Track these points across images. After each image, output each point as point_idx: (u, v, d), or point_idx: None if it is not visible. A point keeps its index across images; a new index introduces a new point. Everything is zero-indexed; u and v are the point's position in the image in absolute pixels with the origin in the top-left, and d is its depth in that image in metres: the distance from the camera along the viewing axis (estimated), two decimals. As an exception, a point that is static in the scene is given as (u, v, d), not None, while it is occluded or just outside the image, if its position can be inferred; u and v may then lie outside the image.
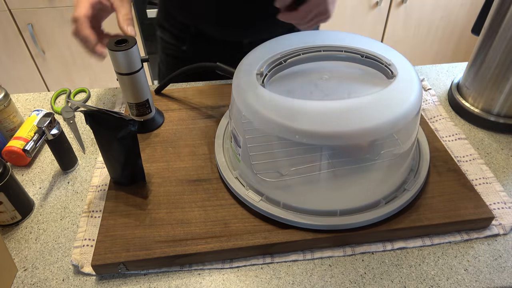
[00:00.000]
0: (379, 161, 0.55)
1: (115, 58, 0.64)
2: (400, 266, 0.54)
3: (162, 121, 0.74)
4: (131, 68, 0.65)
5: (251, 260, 0.55)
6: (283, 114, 0.50)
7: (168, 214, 0.58)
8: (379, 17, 1.90)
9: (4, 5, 1.65)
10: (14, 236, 0.59)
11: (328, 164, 0.54)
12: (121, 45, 0.63)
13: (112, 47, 0.63)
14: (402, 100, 0.52)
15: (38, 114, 0.75)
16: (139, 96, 0.69)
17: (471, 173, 0.65)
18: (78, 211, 0.62)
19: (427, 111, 0.77)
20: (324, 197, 0.57)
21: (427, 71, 0.89)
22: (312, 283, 0.53)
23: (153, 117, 0.73)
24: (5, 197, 0.57)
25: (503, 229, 0.57)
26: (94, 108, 0.55)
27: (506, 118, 0.73)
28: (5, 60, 1.82)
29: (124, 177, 0.62)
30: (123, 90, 0.69)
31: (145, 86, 0.69)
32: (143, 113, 0.71)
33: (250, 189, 0.59)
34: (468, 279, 0.52)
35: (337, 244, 0.56)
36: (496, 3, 0.68)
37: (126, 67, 0.65)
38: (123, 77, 0.66)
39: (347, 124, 0.49)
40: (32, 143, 0.62)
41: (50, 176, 0.68)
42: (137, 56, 0.65)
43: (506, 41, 0.66)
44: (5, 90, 0.71)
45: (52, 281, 0.54)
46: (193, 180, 0.63)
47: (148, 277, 0.54)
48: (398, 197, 0.57)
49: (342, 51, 0.59)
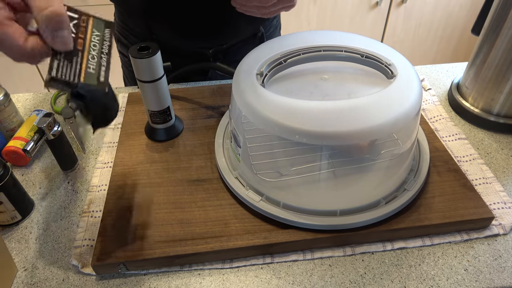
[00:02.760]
0: (379, 161, 0.55)
1: (137, 66, 0.62)
2: (400, 266, 0.54)
3: (182, 127, 0.73)
4: (154, 76, 0.63)
5: (251, 260, 0.55)
6: (283, 114, 0.50)
7: (168, 214, 0.58)
8: (379, 17, 1.90)
9: (4, 5, 1.65)
10: (14, 236, 0.59)
11: (328, 164, 0.54)
12: (143, 52, 0.61)
13: (134, 54, 0.61)
14: (402, 100, 0.52)
15: (38, 114, 0.75)
16: (160, 104, 0.68)
17: (471, 173, 0.65)
18: (78, 211, 0.62)
19: (427, 111, 0.77)
20: (324, 197, 0.57)
21: (427, 71, 0.89)
22: (312, 283, 0.53)
23: (174, 124, 0.72)
24: (5, 197, 0.57)
25: (503, 229, 0.57)
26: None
27: (506, 118, 0.73)
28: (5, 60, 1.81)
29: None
30: (144, 97, 0.67)
31: (166, 93, 0.67)
32: (164, 121, 0.70)
33: (250, 189, 0.59)
34: (468, 279, 0.52)
35: (337, 244, 0.56)
36: (496, 3, 0.68)
37: (148, 74, 0.63)
38: (144, 85, 0.65)
39: (347, 124, 0.49)
40: (32, 143, 0.62)
41: (50, 176, 0.68)
42: (160, 63, 0.63)
43: (506, 41, 0.66)
44: (5, 90, 0.71)
45: (52, 281, 0.54)
46: (193, 180, 0.63)
47: (148, 277, 0.54)
48: (398, 197, 0.57)
49: (342, 51, 0.59)
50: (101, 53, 0.41)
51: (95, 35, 0.41)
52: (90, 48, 0.41)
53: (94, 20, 0.42)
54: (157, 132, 0.71)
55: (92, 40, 0.41)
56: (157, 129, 0.71)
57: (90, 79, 0.40)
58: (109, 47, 0.42)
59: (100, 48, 0.41)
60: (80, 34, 0.40)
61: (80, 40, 0.40)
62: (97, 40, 0.41)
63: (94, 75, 0.41)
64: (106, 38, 0.42)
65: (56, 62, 0.38)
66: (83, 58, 0.40)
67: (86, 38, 0.41)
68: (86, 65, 0.40)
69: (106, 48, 0.41)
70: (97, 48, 0.41)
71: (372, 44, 0.60)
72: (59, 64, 0.39)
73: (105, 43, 0.42)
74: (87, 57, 0.40)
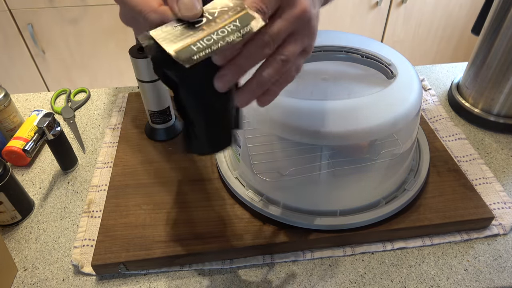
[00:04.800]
0: (379, 161, 0.55)
1: (137, 66, 0.63)
2: (400, 266, 0.54)
3: (182, 127, 0.73)
4: (154, 76, 0.64)
5: (251, 260, 0.55)
6: (283, 114, 0.50)
7: (168, 214, 0.58)
8: (379, 17, 1.90)
9: (4, 5, 1.65)
10: (14, 236, 0.59)
11: (328, 164, 0.54)
12: (144, 52, 0.61)
13: (134, 54, 0.61)
14: (402, 100, 0.52)
15: (38, 114, 0.75)
16: (160, 104, 0.68)
17: (471, 173, 0.64)
18: (78, 211, 0.62)
19: (427, 111, 0.77)
20: (324, 197, 0.57)
21: (427, 71, 0.89)
22: (312, 283, 0.53)
23: (174, 124, 0.72)
24: (5, 197, 0.57)
25: (503, 229, 0.57)
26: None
27: (506, 118, 0.73)
28: (5, 60, 1.82)
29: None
30: (144, 97, 0.68)
31: (166, 93, 0.68)
32: (164, 121, 0.70)
33: (250, 189, 0.59)
34: (468, 279, 0.52)
35: (337, 244, 0.56)
36: (496, 3, 0.68)
37: (148, 74, 0.63)
38: (144, 85, 0.65)
39: (347, 124, 0.49)
40: (32, 143, 0.62)
41: (50, 176, 0.68)
42: None
43: (506, 41, 0.66)
44: (5, 90, 0.71)
45: (52, 281, 0.54)
46: (193, 180, 0.63)
47: (148, 277, 0.54)
48: (398, 197, 0.57)
49: (342, 51, 0.59)
50: (222, 39, 0.34)
51: (234, 25, 0.34)
52: (215, 32, 0.34)
53: (246, 14, 0.35)
54: (157, 132, 0.71)
55: (225, 26, 0.34)
56: (157, 129, 0.71)
57: (183, 54, 0.32)
58: (237, 38, 0.34)
59: (225, 36, 0.34)
60: (218, 19, 0.34)
61: (212, 23, 0.34)
62: (229, 29, 0.34)
63: (190, 51, 0.32)
64: (241, 33, 0.34)
65: (169, 27, 0.33)
66: (198, 37, 0.33)
67: (219, 23, 0.34)
68: (195, 42, 0.33)
69: (232, 38, 0.34)
70: (222, 35, 0.34)
71: (372, 44, 0.60)
72: (170, 31, 0.33)
73: (235, 35, 0.34)
74: (204, 37, 0.33)
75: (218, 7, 0.35)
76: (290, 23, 0.36)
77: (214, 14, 0.34)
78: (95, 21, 1.72)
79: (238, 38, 0.34)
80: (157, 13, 0.34)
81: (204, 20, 0.34)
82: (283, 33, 0.36)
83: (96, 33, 1.76)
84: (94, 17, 1.71)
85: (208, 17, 0.34)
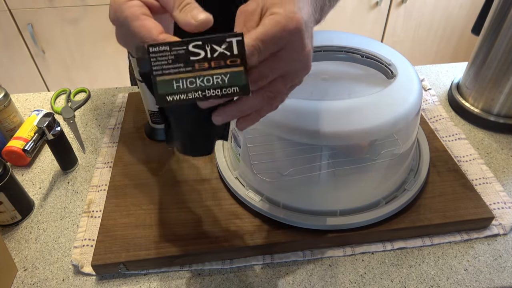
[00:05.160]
0: (379, 161, 0.55)
1: (137, 66, 0.63)
2: (400, 266, 0.54)
3: None
4: None
5: (251, 260, 0.55)
6: (283, 114, 0.50)
7: (168, 214, 0.58)
8: (379, 17, 1.90)
9: (4, 5, 1.65)
10: (14, 236, 0.59)
11: (328, 164, 0.54)
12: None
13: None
14: (402, 100, 0.52)
15: (38, 114, 0.75)
16: None
17: (471, 173, 0.64)
18: (78, 211, 0.62)
19: (427, 111, 0.77)
20: (324, 197, 0.57)
21: (427, 71, 0.89)
22: (312, 283, 0.53)
23: None
24: (5, 197, 0.57)
25: (503, 229, 0.57)
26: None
27: (506, 118, 0.73)
28: (5, 60, 1.82)
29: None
30: (144, 97, 0.67)
31: None
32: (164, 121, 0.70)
33: (250, 189, 0.59)
34: (468, 279, 0.52)
35: (337, 244, 0.56)
36: (496, 3, 0.68)
37: None
38: (144, 85, 0.64)
39: (347, 124, 0.49)
40: (32, 143, 0.62)
41: (50, 176, 0.68)
42: None
43: (506, 41, 0.66)
44: (5, 90, 0.71)
45: (52, 281, 0.54)
46: (193, 180, 0.63)
47: (148, 277, 0.54)
48: (398, 197, 0.57)
49: (342, 51, 0.59)
50: (202, 89, 0.33)
51: (222, 79, 0.33)
52: (201, 77, 0.33)
53: (240, 72, 0.33)
54: (157, 132, 0.71)
55: (213, 75, 0.33)
56: (157, 129, 0.71)
57: (163, 87, 0.33)
58: (215, 95, 0.33)
59: (206, 87, 0.33)
60: (213, 62, 0.33)
61: (205, 63, 0.33)
62: (215, 81, 0.33)
63: (168, 87, 0.33)
64: (222, 92, 0.33)
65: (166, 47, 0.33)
66: (184, 74, 0.33)
67: (211, 67, 0.33)
68: (178, 79, 0.33)
69: (210, 94, 0.33)
70: (204, 84, 0.33)
71: (372, 44, 0.60)
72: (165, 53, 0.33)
73: (216, 91, 0.33)
74: (188, 77, 0.33)
75: (222, 47, 0.33)
76: (287, 65, 0.35)
77: (214, 52, 0.33)
78: (95, 21, 1.72)
79: (216, 96, 0.33)
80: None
81: (202, 54, 0.33)
82: (276, 75, 0.35)
83: (96, 33, 1.76)
84: (94, 17, 1.71)
85: (207, 53, 0.33)
